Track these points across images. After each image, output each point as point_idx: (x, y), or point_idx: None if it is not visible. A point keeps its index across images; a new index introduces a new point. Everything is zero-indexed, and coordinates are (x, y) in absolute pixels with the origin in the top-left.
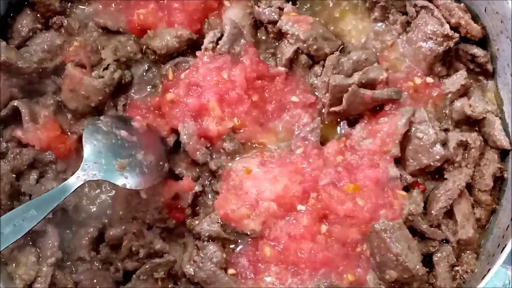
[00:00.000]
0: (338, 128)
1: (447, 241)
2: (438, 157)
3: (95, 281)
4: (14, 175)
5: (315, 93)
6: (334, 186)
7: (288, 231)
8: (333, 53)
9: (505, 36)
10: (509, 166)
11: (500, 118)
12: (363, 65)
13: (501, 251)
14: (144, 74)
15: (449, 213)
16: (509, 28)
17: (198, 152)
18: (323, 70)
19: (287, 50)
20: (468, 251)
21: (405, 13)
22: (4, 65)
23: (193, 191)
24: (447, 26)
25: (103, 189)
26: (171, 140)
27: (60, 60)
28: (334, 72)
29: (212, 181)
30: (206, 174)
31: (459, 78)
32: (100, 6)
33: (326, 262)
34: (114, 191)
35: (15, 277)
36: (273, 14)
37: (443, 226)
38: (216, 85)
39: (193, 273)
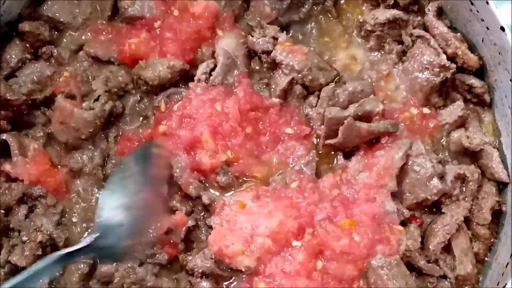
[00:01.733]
0: (334, 160)
1: (444, 276)
2: (435, 191)
3: None
4: (3, 211)
5: (310, 123)
6: (330, 221)
7: (283, 268)
8: (328, 84)
9: (503, 67)
10: (507, 199)
11: (498, 149)
12: (359, 97)
13: None
14: (136, 105)
15: (447, 248)
16: (507, 59)
17: (191, 186)
18: (318, 101)
19: (281, 80)
20: (466, 287)
21: (400, 42)
22: None
23: (186, 226)
24: (443, 56)
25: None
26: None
27: (50, 91)
28: (329, 103)
29: (205, 215)
30: (199, 208)
31: (456, 109)
32: (91, 35)
33: None
34: None
35: None
36: (267, 44)
37: (441, 261)
38: (209, 117)
39: None
